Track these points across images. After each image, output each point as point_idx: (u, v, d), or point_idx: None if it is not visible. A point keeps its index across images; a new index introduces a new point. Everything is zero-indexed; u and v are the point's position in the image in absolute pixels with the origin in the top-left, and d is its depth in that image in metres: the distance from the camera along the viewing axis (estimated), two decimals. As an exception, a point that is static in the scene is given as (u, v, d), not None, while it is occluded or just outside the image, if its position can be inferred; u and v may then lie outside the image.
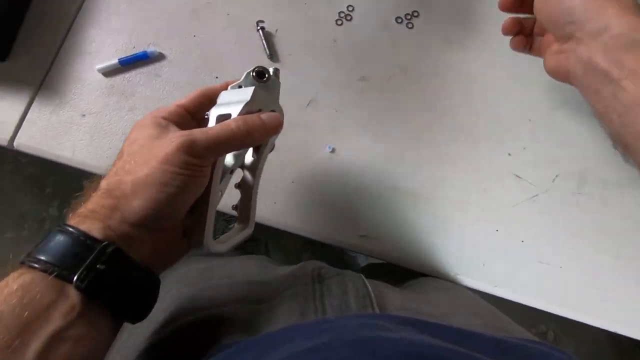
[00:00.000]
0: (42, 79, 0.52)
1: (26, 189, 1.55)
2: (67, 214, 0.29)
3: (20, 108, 0.51)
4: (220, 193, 0.34)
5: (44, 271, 0.24)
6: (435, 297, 0.46)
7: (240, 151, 0.37)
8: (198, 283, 0.45)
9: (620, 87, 0.34)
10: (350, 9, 0.59)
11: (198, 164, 0.28)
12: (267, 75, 0.34)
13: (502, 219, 0.51)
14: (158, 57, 0.53)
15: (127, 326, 0.29)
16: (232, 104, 0.32)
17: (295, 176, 0.37)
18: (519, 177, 0.53)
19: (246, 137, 0.31)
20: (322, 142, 0.52)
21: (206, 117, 0.34)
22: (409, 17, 0.59)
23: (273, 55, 0.56)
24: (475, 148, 0.54)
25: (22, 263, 0.25)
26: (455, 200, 0.52)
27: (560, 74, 0.42)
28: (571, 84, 0.41)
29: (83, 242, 0.25)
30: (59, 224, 0.27)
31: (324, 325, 0.31)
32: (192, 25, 0.55)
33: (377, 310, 0.37)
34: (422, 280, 0.52)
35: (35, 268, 0.24)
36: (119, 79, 0.52)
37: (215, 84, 0.52)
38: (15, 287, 0.24)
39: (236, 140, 0.30)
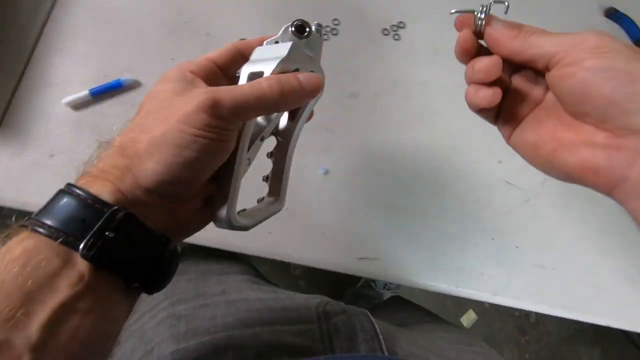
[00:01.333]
0: (0, 116, 0.47)
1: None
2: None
3: (-22, 150, 0.46)
4: (248, 161, 0.30)
5: (49, 236, 0.22)
6: (441, 347, 0.48)
7: (274, 116, 0.33)
8: (190, 300, 0.43)
9: None
10: (336, 22, 0.57)
11: (222, 127, 0.25)
12: (307, 30, 0.30)
13: (497, 226, 0.52)
14: (133, 85, 0.49)
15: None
16: (266, 60, 0.28)
17: (289, 203, 0.35)
18: (510, 183, 0.54)
19: (279, 99, 0.27)
20: (315, 165, 0.51)
21: (237, 75, 0.30)
22: (395, 28, 0.59)
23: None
24: (467, 159, 0.54)
25: (25, 226, 0.22)
26: (451, 213, 0.52)
27: (594, 177, 0.25)
28: (610, 194, 0.26)
29: (91, 206, 0.23)
30: (67, 183, 0.24)
31: None
32: (170, 47, 0.52)
33: (385, 353, 0.38)
34: (430, 327, 0.55)
35: (39, 232, 0.22)
36: (90, 111, 0.48)
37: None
38: (17, 253, 0.21)
39: (267, 102, 0.26)
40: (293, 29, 0.30)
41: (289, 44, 0.29)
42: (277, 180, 0.34)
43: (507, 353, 1.46)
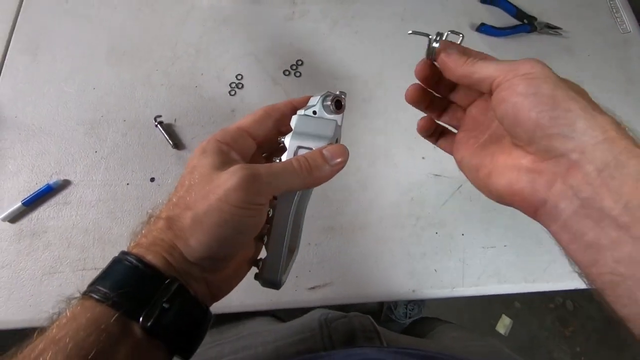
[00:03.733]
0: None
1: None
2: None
3: None
4: (291, 226, 0.31)
5: (111, 306, 0.23)
6: (444, 342, 0.50)
7: None
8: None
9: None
10: (240, 77, 0.62)
11: (256, 202, 0.26)
12: (343, 105, 0.32)
13: (438, 219, 0.52)
14: (63, 185, 0.53)
15: None
16: (312, 137, 0.31)
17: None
18: (438, 175, 0.54)
19: (308, 178, 0.29)
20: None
21: (281, 144, 0.31)
22: (294, 67, 0.63)
23: (178, 144, 0.57)
24: (392, 163, 0.55)
25: (86, 294, 0.24)
26: (390, 218, 0.52)
27: (520, 200, 0.26)
28: (534, 217, 0.26)
29: (148, 276, 0.25)
30: (122, 251, 0.26)
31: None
32: (91, 142, 0.56)
33: (385, 344, 0.40)
34: (441, 329, 0.56)
35: (101, 301, 0.24)
36: (26, 220, 0.51)
37: (128, 189, 0.54)
38: (83, 322, 0.23)
39: (298, 180, 0.28)
40: (333, 105, 0.32)
41: (332, 124, 0.31)
42: (295, 233, 0.35)
43: (557, 352, 1.36)
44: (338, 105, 0.32)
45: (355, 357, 0.32)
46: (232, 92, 0.61)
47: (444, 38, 0.29)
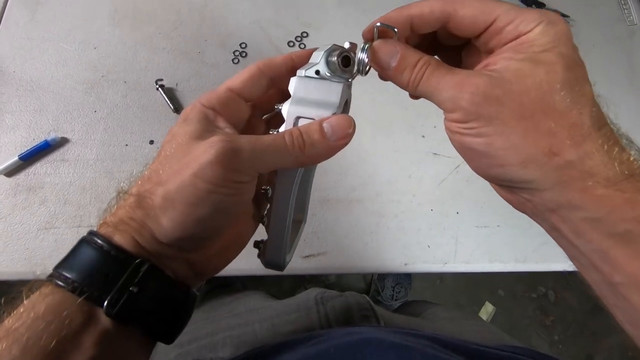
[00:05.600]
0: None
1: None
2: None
3: None
4: (294, 203, 0.27)
5: (73, 291, 0.21)
6: (438, 322, 0.50)
7: None
8: (202, 338, 0.43)
9: (620, 294, 0.21)
10: (244, 45, 0.61)
11: (236, 180, 0.23)
12: (353, 61, 0.26)
13: (434, 197, 0.53)
14: (61, 143, 0.53)
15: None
16: (314, 104, 0.25)
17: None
18: (437, 154, 0.55)
19: (300, 156, 0.25)
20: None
21: (277, 109, 0.27)
22: (299, 39, 0.63)
23: (178, 109, 0.57)
24: (392, 139, 0.56)
25: (48, 280, 0.22)
26: (386, 194, 0.53)
27: (513, 202, 0.26)
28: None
29: (115, 258, 0.22)
30: (89, 231, 0.24)
31: (321, 337, 0.31)
32: (90, 101, 0.55)
33: (382, 323, 0.39)
34: (432, 311, 0.56)
35: (62, 287, 0.22)
36: (22, 175, 0.50)
37: (127, 150, 0.53)
38: (42, 310, 0.21)
39: (289, 158, 0.24)
40: (340, 61, 0.26)
41: (339, 87, 0.26)
42: (301, 203, 0.32)
43: (535, 339, 1.40)
44: (346, 62, 0.26)
45: (354, 336, 0.31)
46: (236, 61, 0.60)
47: (366, 47, 0.25)
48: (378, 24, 0.24)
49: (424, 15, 0.24)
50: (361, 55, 0.25)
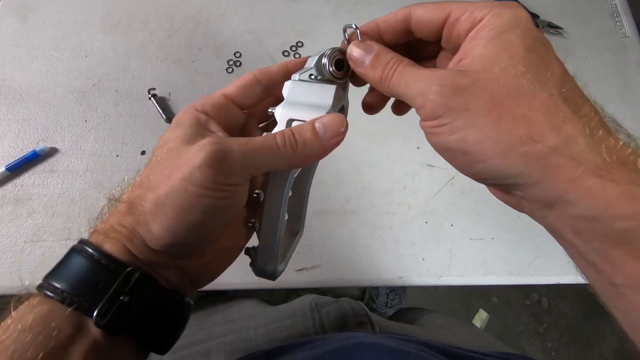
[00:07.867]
0: None
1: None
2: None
3: None
4: (287, 209, 0.27)
5: (62, 302, 0.21)
6: (433, 330, 0.50)
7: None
8: (195, 344, 0.43)
9: (621, 295, 0.20)
10: (238, 55, 0.61)
11: (228, 183, 0.22)
12: (346, 65, 0.26)
13: (428, 209, 0.53)
14: (50, 153, 0.51)
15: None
16: (307, 107, 0.25)
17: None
18: (432, 166, 0.55)
19: (293, 157, 0.24)
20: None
21: (270, 112, 0.27)
22: (294, 48, 0.62)
23: (171, 118, 0.56)
24: (387, 150, 0.56)
25: (38, 290, 0.22)
26: (381, 206, 0.53)
27: (510, 202, 0.25)
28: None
29: (105, 267, 0.22)
30: (81, 239, 0.23)
31: (316, 342, 0.31)
32: (81, 110, 0.54)
33: (377, 329, 0.39)
34: (427, 318, 0.56)
35: (51, 297, 0.21)
36: (9, 186, 0.49)
37: (117, 161, 0.52)
38: (29, 321, 0.20)
39: (281, 159, 0.24)
40: (332, 68, 0.26)
41: (332, 90, 0.25)
42: (297, 211, 0.32)
43: (528, 346, 1.40)
44: (339, 65, 0.26)
45: (350, 341, 0.31)
46: (230, 70, 0.60)
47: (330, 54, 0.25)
48: (343, 25, 0.26)
49: (388, 19, 0.25)
50: (325, 61, 0.25)
